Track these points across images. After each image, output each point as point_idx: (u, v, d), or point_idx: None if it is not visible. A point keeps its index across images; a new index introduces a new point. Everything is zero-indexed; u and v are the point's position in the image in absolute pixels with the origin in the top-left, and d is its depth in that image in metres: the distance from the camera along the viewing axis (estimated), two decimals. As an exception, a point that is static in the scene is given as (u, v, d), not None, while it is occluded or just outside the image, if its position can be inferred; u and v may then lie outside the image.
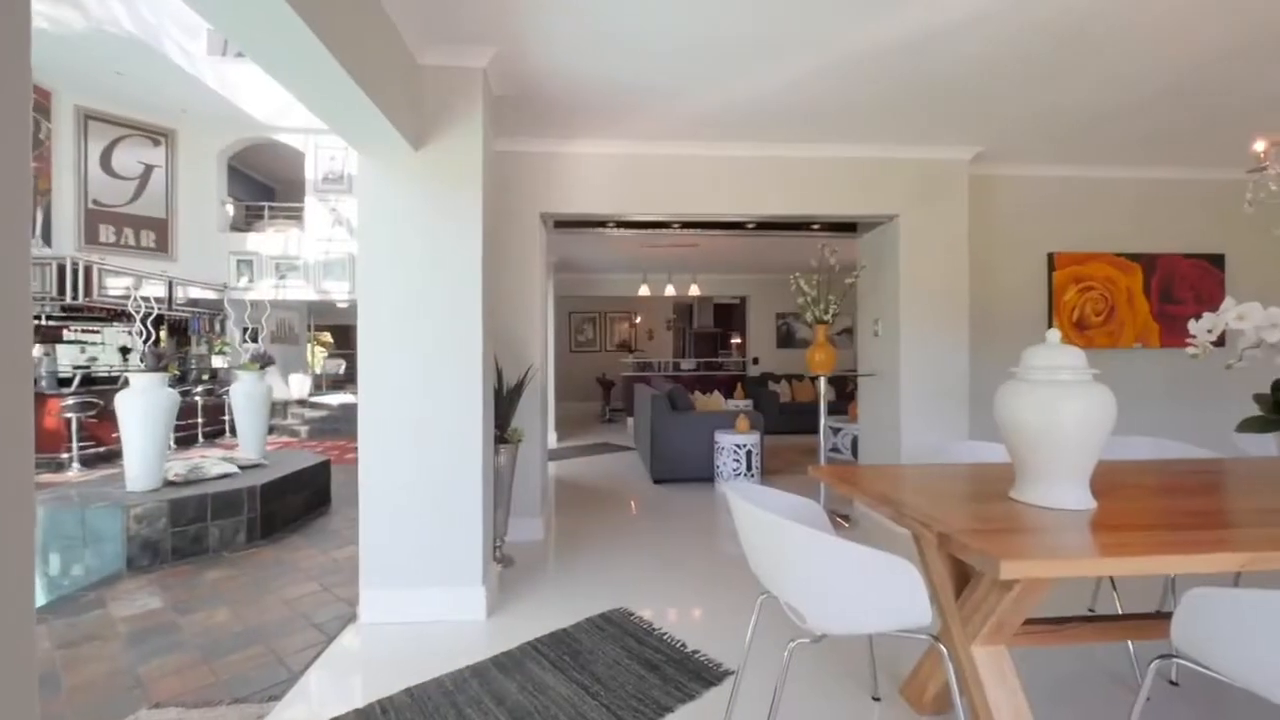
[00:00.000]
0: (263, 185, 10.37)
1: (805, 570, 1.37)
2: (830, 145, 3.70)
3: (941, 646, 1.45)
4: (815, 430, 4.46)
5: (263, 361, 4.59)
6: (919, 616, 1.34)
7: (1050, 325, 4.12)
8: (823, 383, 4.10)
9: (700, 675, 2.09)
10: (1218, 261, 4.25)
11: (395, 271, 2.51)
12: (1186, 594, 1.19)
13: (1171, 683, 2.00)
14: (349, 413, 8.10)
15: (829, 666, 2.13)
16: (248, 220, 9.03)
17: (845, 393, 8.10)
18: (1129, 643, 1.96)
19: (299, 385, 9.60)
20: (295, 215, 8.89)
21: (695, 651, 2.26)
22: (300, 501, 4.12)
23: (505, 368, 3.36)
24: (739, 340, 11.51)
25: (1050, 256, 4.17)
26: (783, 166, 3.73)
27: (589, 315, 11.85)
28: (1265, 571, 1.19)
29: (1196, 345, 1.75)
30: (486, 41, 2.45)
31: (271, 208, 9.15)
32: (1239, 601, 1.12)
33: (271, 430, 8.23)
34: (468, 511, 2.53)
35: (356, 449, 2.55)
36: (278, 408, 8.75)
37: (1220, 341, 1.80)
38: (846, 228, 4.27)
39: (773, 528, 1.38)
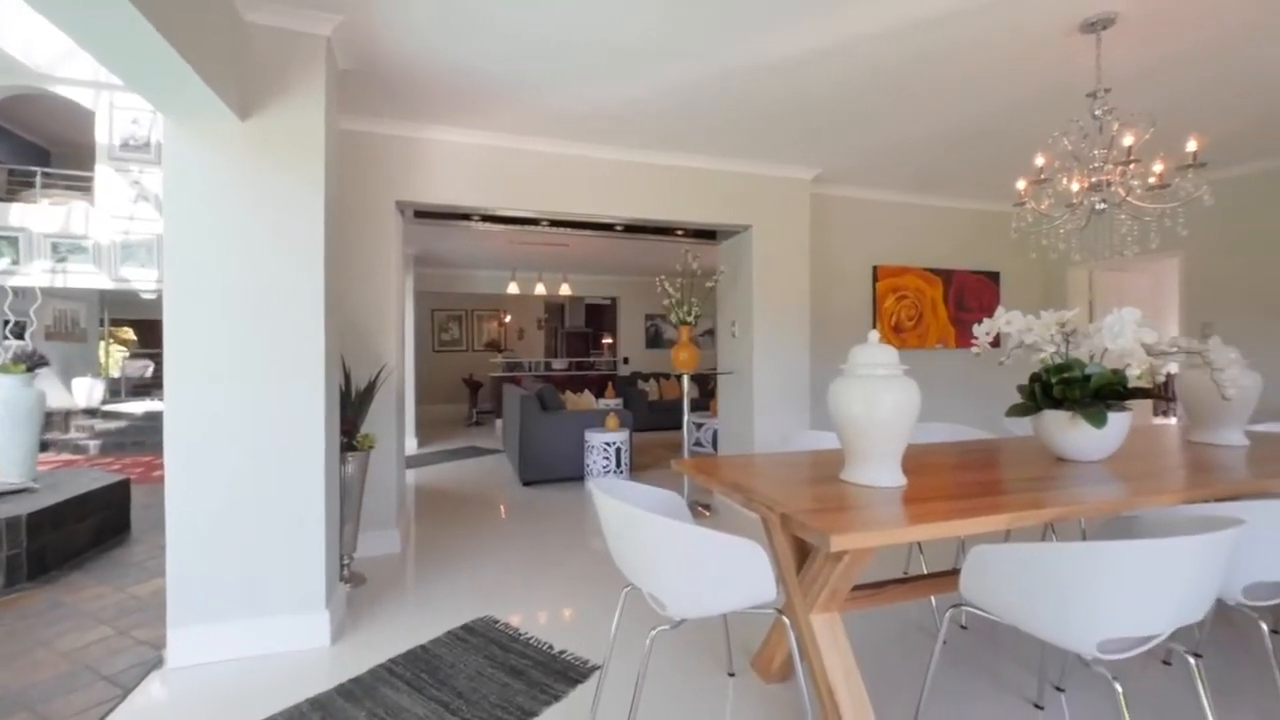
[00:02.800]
0: (35, 147, 8.42)
1: (664, 559, 1.42)
2: (693, 156, 3.89)
3: (785, 618, 1.59)
4: (681, 426, 4.65)
5: (30, 362, 3.71)
6: (766, 593, 1.46)
7: (873, 328, 4.72)
8: (686, 381, 4.30)
9: (567, 675, 2.08)
10: (995, 278, 5.17)
11: (216, 257, 2.18)
12: (970, 551, 1.42)
13: (962, 627, 2.39)
14: (158, 422, 6.87)
15: (689, 649, 2.23)
16: (11, 188, 7.28)
17: (708, 390, 8.58)
18: (932, 598, 2.31)
19: (87, 391, 7.95)
20: (81, 186, 7.34)
21: (562, 652, 2.24)
22: (86, 531, 3.41)
23: (355, 368, 3.08)
24: (610, 340, 11.68)
25: (875, 269, 4.78)
26: (650, 172, 3.85)
27: (454, 313, 11.27)
28: (1026, 528, 1.46)
29: (978, 346, 2.11)
30: (330, 8, 2.22)
31: (46, 174, 7.45)
32: (1003, 554, 1.36)
33: (46, 446, 6.74)
34: (307, 528, 2.27)
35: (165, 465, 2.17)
36: (55, 419, 7.18)
37: (996, 343, 2.18)
38: (708, 235, 4.53)
39: (633, 520, 1.42)
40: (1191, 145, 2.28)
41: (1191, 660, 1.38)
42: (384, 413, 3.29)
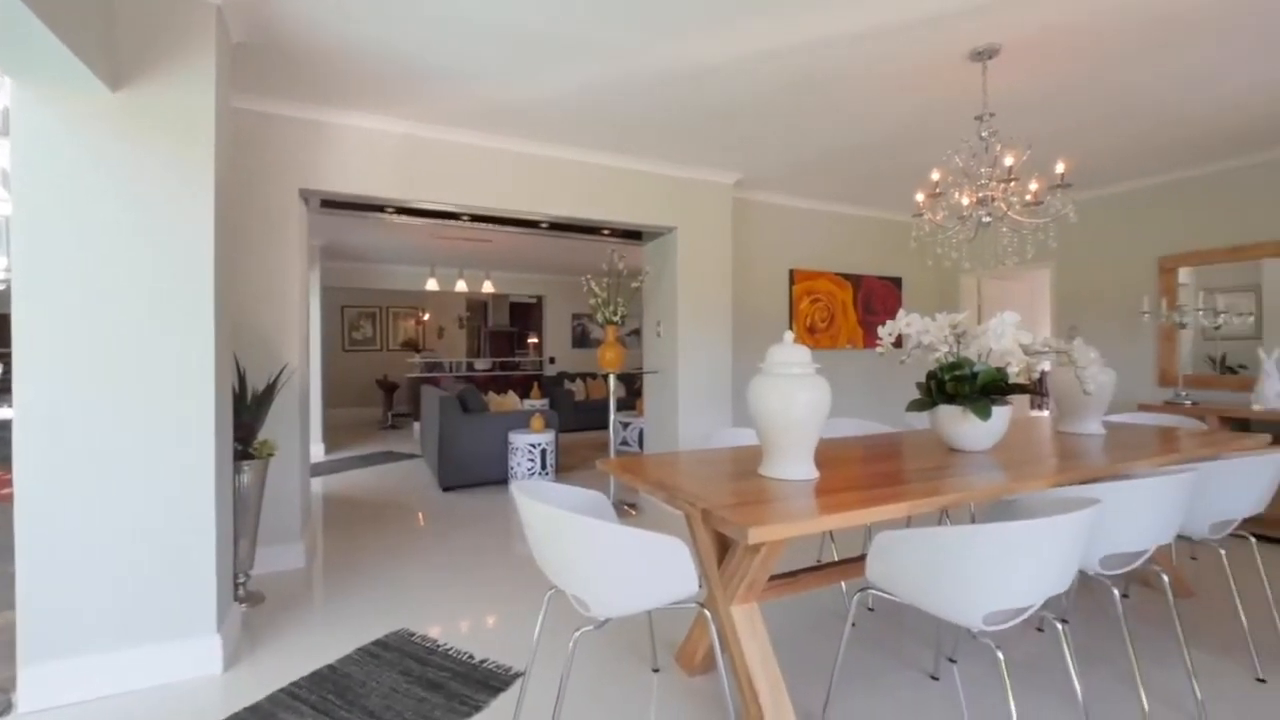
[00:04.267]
0: None
1: (587, 559, 1.41)
2: (620, 156, 3.90)
3: (707, 612, 1.63)
4: (608, 426, 4.64)
5: None
6: (689, 588, 1.48)
7: (790, 329, 4.94)
8: (612, 380, 4.30)
9: (488, 684, 2.02)
10: (898, 283, 5.56)
11: (77, 244, 1.93)
12: (875, 538, 1.52)
13: (869, 609, 2.55)
14: (7, 432, 5.98)
15: (613, 648, 2.24)
16: None
17: (634, 389, 8.65)
18: (842, 583, 2.44)
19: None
20: (-96, 156, 6.26)
21: (484, 661, 2.17)
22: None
23: (251, 368, 2.83)
24: (536, 340, 11.48)
25: (791, 273, 5.01)
26: (576, 170, 3.82)
27: (367, 310, 10.64)
28: (924, 514, 1.58)
29: (882, 346, 2.26)
30: (220, -27, 2.03)
31: None
32: (903, 539, 1.47)
33: None
34: (194, 545, 2.06)
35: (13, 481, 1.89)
36: None
37: (899, 343, 2.34)
38: (634, 235, 4.55)
39: (555, 522, 1.40)
40: (1060, 167, 2.56)
41: (1060, 626, 1.55)
42: (286, 417, 3.05)
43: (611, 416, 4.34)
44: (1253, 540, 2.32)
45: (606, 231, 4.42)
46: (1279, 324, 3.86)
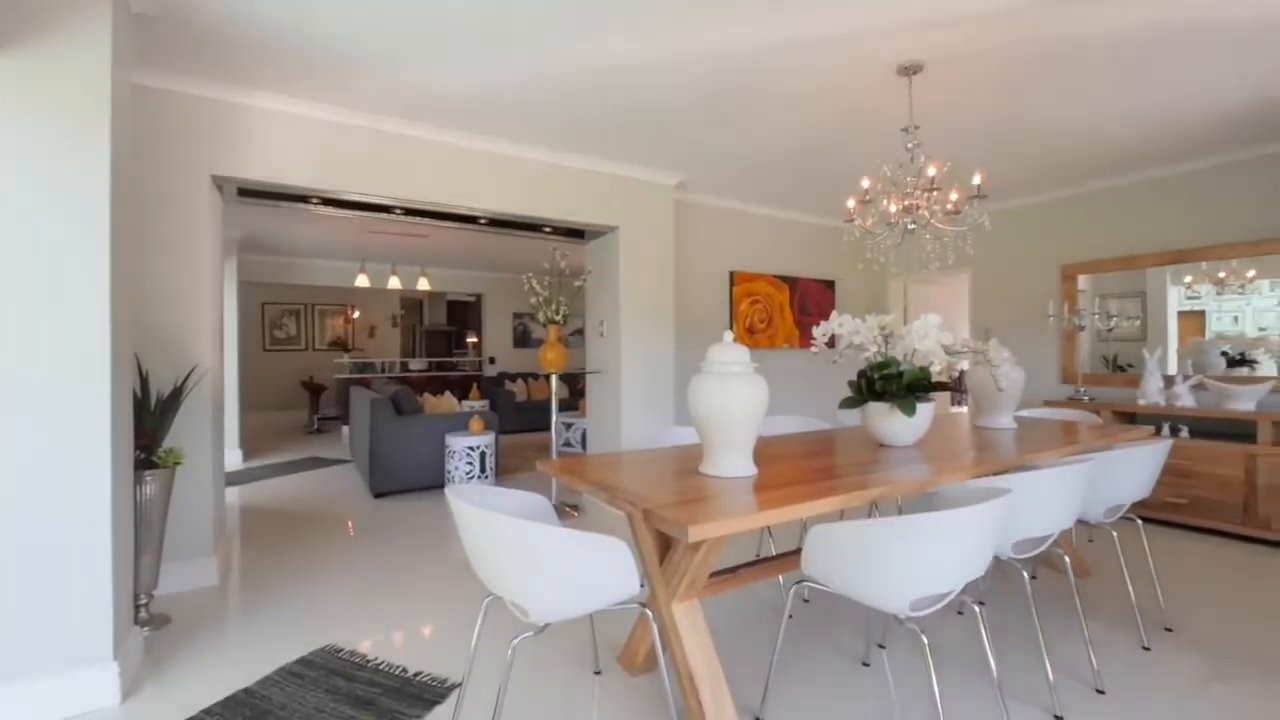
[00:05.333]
0: None
1: (526, 564, 1.37)
2: (562, 153, 3.85)
3: (648, 611, 1.62)
4: (550, 427, 4.57)
5: None
6: (630, 588, 1.47)
7: (730, 329, 5.05)
8: (554, 380, 4.24)
9: (422, 698, 1.93)
10: (831, 286, 5.79)
11: (-61, 228, 1.70)
12: (809, 531, 1.56)
13: (805, 601, 2.64)
14: None
15: (554, 653, 2.20)
16: None
17: (577, 389, 8.58)
18: (780, 576, 2.51)
19: None
20: None
21: (418, 674, 2.08)
22: None
23: (155, 370, 2.60)
24: (475, 339, 11.18)
25: (731, 274, 5.11)
26: (517, 166, 3.74)
27: (291, 307, 10.02)
28: (856, 507, 1.64)
29: (816, 346, 2.34)
30: (116, -66, 1.84)
31: None
32: (835, 532, 1.52)
33: None
34: (86, 564, 1.86)
35: None
36: None
37: (832, 343, 2.43)
38: (576, 233, 4.51)
39: (492, 527, 1.35)
40: (976, 179, 2.73)
41: (977, 608, 1.65)
42: (196, 422, 2.82)
43: (554, 417, 4.29)
44: (1139, 522, 2.56)
45: (548, 229, 4.35)
46: (1160, 327, 4.30)
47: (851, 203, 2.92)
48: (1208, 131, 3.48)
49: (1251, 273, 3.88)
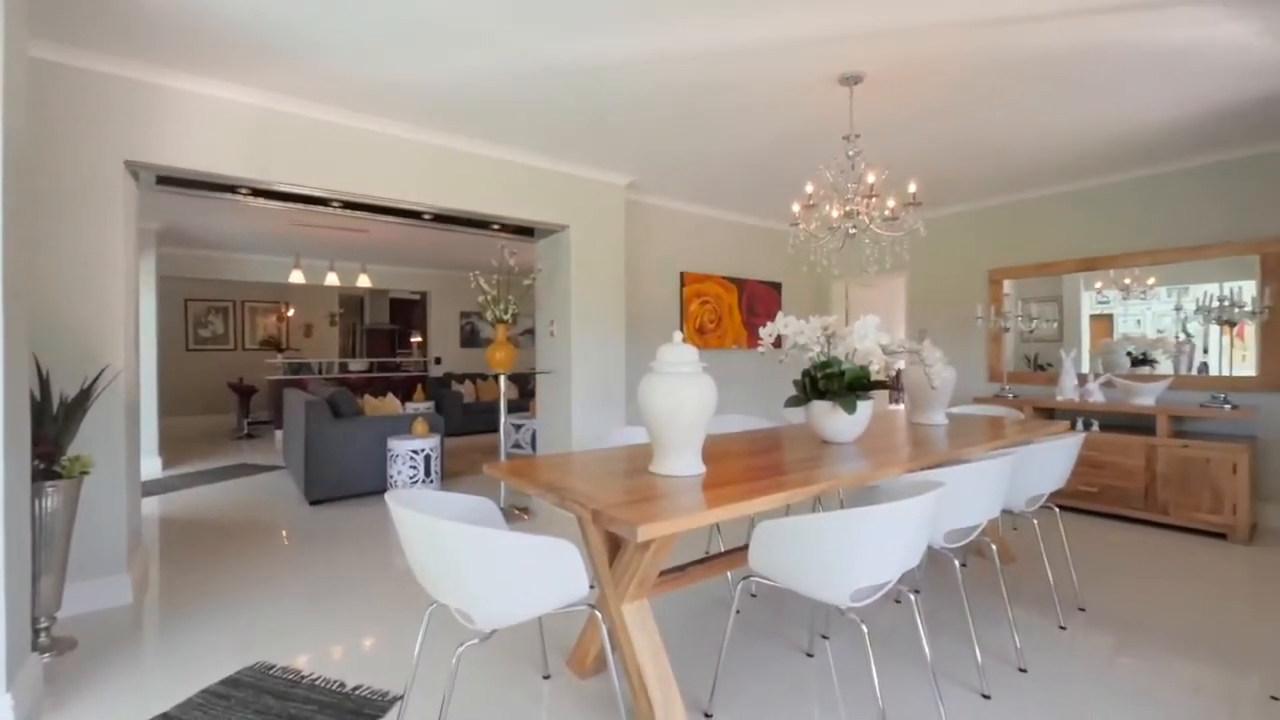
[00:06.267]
0: None
1: (471, 569, 1.33)
2: (512, 149, 3.78)
3: (598, 612, 1.61)
4: (499, 428, 4.48)
5: None
6: (579, 590, 1.46)
7: (680, 330, 5.10)
8: (503, 381, 4.16)
9: (361, 712, 1.85)
10: (777, 288, 5.95)
11: None
12: (756, 527, 1.60)
13: (753, 595, 2.69)
14: None
15: (502, 659, 2.16)
16: None
17: (527, 390, 8.45)
18: (728, 573, 2.55)
19: None
20: None
21: (357, 688, 1.99)
22: None
23: (58, 371, 2.38)
24: (420, 339, 10.83)
25: (682, 275, 5.17)
26: (464, 161, 3.65)
27: (218, 304, 9.41)
28: (800, 502, 1.69)
29: (763, 346, 2.40)
30: (9, -109, 1.67)
31: None
32: (780, 527, 1.55)
33: None
34: (-27, 587, 1.68)
35: None
36: None
37: (778, 344, 2.50)
38: (526, 231, 4.44)
39: (434, 532, 1.31)
40: (912, 187, 2.86)
41: (913, 597, 1.73)
42: (106, 428, 2.60)
43: (502, 418, 4.20)
44: (1057, 511, 2.76)
45: (496, 226, 4.26)
46: (1075, 329, 4.64)
47: (796, 207, 3.01)
48: (1125, 148, 3.78)
49: (1152, 279, 4.24)
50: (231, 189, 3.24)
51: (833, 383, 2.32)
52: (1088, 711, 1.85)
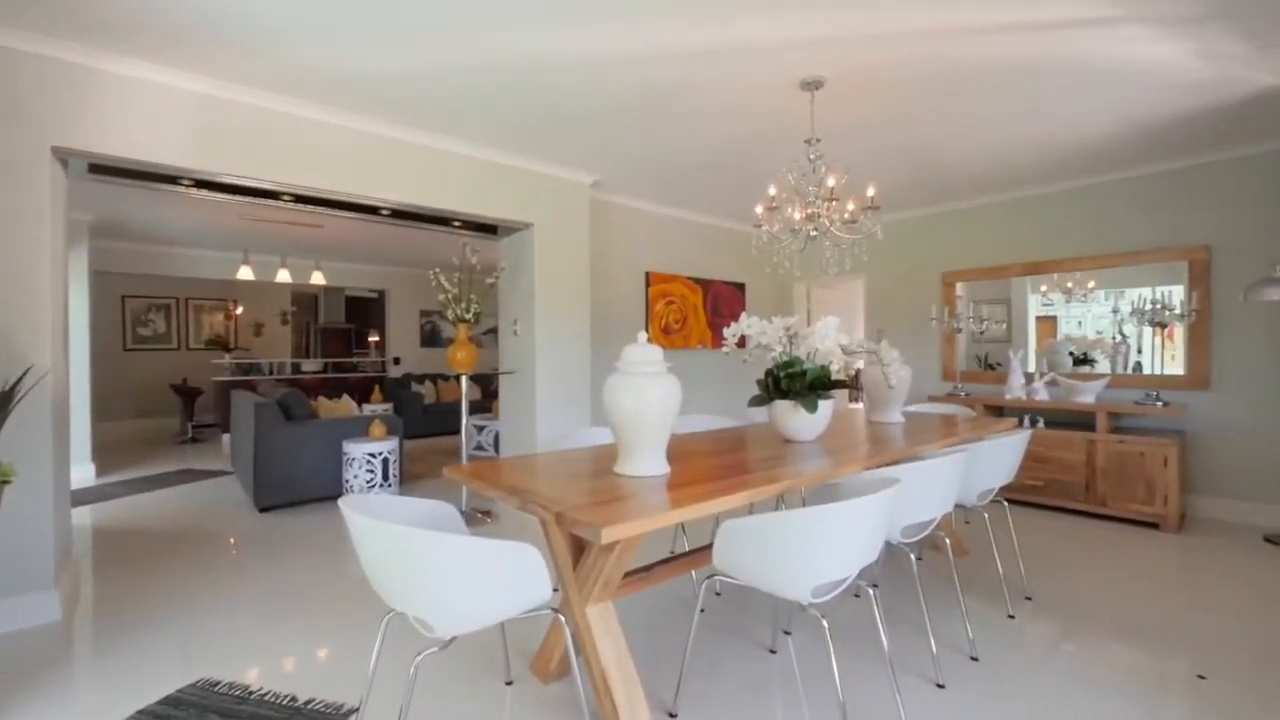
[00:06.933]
0: None
1: (427, 575, 1.29)
2: (475, 145, 3.70)
3: (561, 616, 1.59)
4: (460, 430, 4.40)
5: None
6: (542, 594, 1.43)
7: (646, 329, 5.10)
8: (465, 381, 4.08)
9: (314, 728, 1.78)
10: (741, 288, 6.02)
11: None
12: (720, 526, 1.60)
13: (717, 594, 2.71)
14: None
15: (462, 666, 2.11)
16: None
17: (491, 390, 8.31)
18: (693, 572, 2.56)
19: None
20: None
21: (309, 702, 1.91)
22: None
23: (-25, 372, 2.20)
24: (378, 338, 10.52)
25: (647, 275, 5.17)
26: (425, 155, 3.55)
27: (159, 301, 8.92)
28: (763, 501, 1.70)
29: (727, 346, 2.42)
30: None
31: None
32: (743, 526, 1.57)
33: None
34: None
35: None
36: None
37: (742, 343, 2.52)
38: (489, 229, 4.36)
39: (390, 539, 1.27)
40: (870, 191, 2.94)
41: (871, 591, 1.77)
42: (32, 433, 2.43)
43: (464, 420, 4.11)
44: (1006, 504, 2.87)
45: (458, 223, 4.17)
46: (1022, 330, 4.85)
47: (760, 209, 3.04)
48: (1068, 159, 3.97)
49: (1092, 283, 4.47)
50: (173, 179, 3.07)
51: (795, 382, 2.35)
52: (1035, 697, 1.93)
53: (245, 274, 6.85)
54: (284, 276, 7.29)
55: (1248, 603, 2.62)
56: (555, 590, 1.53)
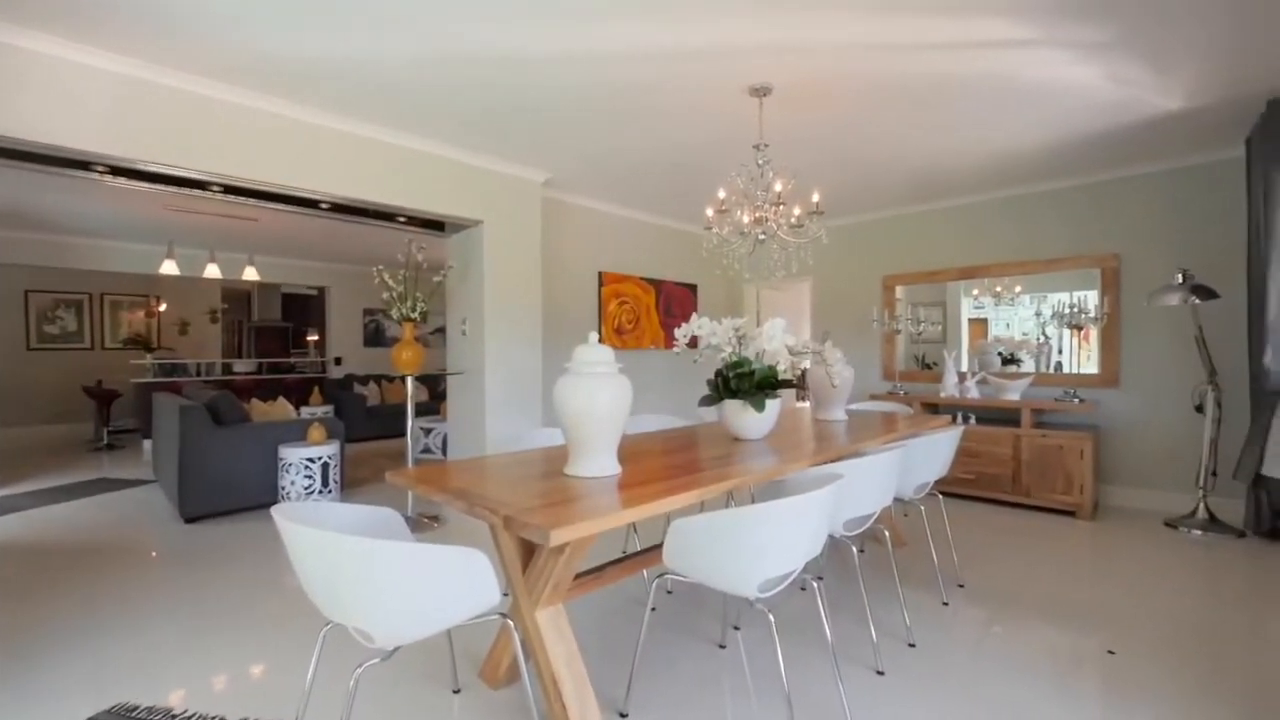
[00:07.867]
0: None
1: (367, 585, 1.25)
2: (422, 139, 3.60)
3: (509, 621, 1.57)
4: (406, 432, 4.26)
5: None
6: (490, 599, 1.41)
7: (598, 330, 5.09)
8: (410, 382, 3.95)
9: (245, 749, 1.68)
10: (693, 289, 6.09)
11: None
12: (671, 525, 1.62)
13: (668, 592, 2.73)
14: None
15: (408, 676, 2.04)
16: None
17: (438, 392, 8.09)
18: (644, 571, 2.57)
19: None
20: None
21: (240, 722, 1.81)
22: None
23: None
24: (317, 337, 10.06)
25: (600, 275, 5.16)
26: (368, 148, 3.42)
27: (70, 297, 8.22)
28: (714, 498, 1.73)
29: (679, 347, 2.44)
30: None
31: None
32: (693, 524, 1.59)
33: None
34: None
35: None
36: None
37: (693, 344, 2.55)
38: (436, 225, 4.24)
39: (326, 547, 1.21)
40: (815, 197, 3.03)
41: (816, 584, 1.82)
42: (-85, 441, 2.18)
43: (409, 422, 3.99)
44: (940, 497, 3.02)
45: (403, 219, 4.04)
46: (956, 331, 5.12)
47: (710, 211, 3.09)
48: (996, 171, 4.21)
49: (1019, 288, 4.77)
50: (84, 165, 2.84)
51: (744, 382, 2.40)
52: (967, 679, 2.04)
53: (169, 268, 6.40)
54: (213, 271, 6.86)
55: (1150, 583, 2.86)
56: (505, 595, 1.50)
